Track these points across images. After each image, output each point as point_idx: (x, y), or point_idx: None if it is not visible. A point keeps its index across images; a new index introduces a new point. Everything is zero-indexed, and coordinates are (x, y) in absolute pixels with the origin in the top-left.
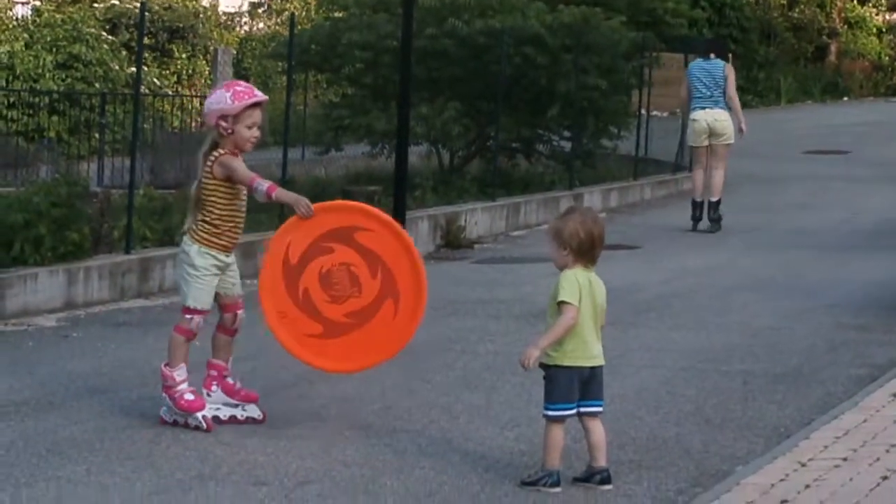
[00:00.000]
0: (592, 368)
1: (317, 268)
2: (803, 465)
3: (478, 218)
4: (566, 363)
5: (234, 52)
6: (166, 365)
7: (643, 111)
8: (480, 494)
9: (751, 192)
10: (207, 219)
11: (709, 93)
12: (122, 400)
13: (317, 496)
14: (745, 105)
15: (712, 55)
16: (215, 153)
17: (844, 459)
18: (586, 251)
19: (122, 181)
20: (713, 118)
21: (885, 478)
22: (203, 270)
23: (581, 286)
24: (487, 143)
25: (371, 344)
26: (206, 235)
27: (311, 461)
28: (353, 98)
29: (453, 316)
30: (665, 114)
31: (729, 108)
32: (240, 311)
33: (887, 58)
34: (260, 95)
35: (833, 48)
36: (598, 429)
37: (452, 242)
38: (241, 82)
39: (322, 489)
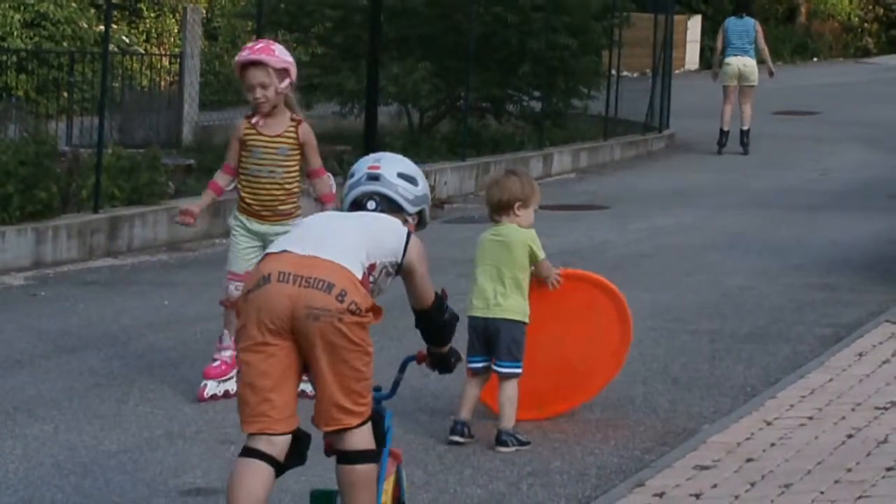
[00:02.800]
0: (486, 319)
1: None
2: (769, 423)
3: (447, 177)
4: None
5: (204, 12)
6: None
7: (613, 71)
8: (448, 454)
9: (714, 152)
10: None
11: (740, 44)
12: (91, 359)
13: None
14: None
15: (744, 14)
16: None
17: (810, 418)
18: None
19: (91, 140)
20: (742, 64)
21: (849, 436)
22: (232, 231)
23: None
24: (457, 102)
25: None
26: (238, 195)
27: None
28: (322, 57)
29: None
30: (635, 74)
31: (756, 58)
32: None
33: (857, 18)
34: (245, 56)
35: (803, 9)
36: (504, 389)
37: None
38: (261, 41)
39: None
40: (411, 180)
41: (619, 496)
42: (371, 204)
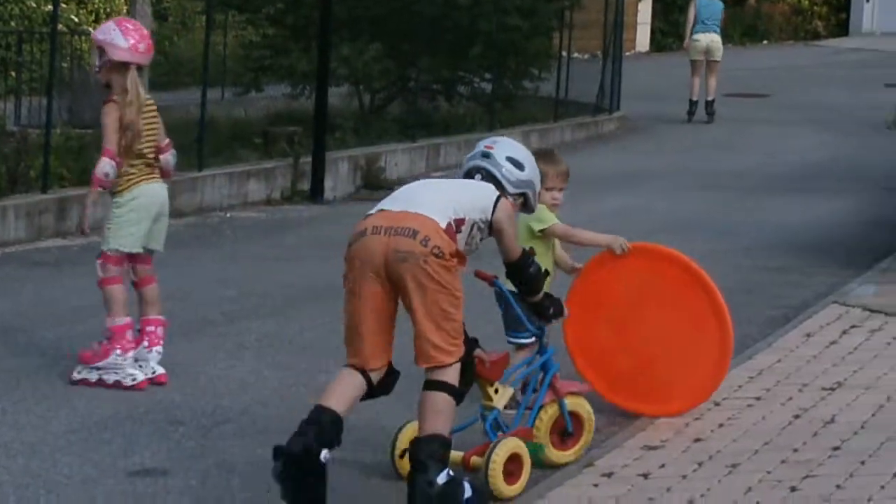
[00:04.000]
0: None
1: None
2: (717, 404)
3: (398, 159)
4: None
5: None
6: None
7: (564, 53)
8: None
9: (670, 134)
10: None
11: (710, 22)
12: (40, 339)
13: (233, 435)
14: (667, 48)
15: None
16: None
17: (758, 399)
18: None
19: (40, 120)
20: (710, 40)
21: (796, 416)
22: None
23: None
24: (408, 84)
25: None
26: None
27: (229, 400)
28: (273, 38)
29: None
30: (586, 56)
31: (721, 34)
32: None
33: (807, 1)
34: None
35: None
36: (515, 358)
37: (372, 183)
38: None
39: (239, 428)
40: (518, 165)
41: (569, 476)
42: (478, 177)
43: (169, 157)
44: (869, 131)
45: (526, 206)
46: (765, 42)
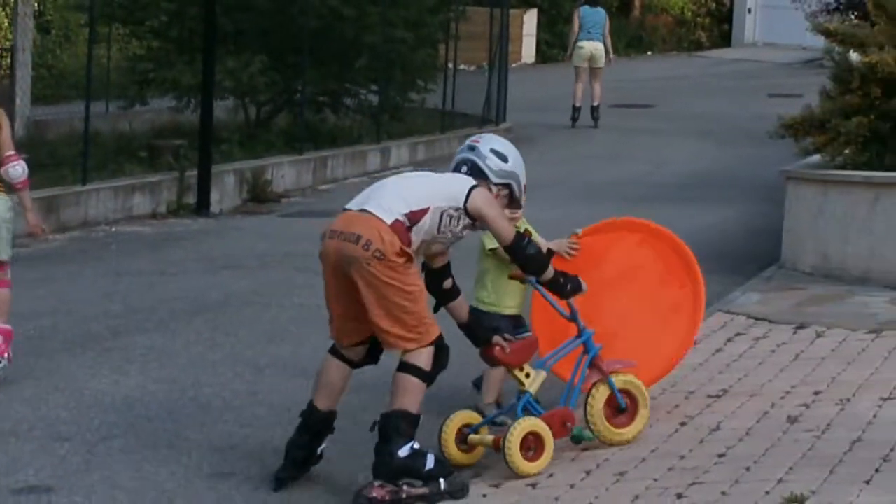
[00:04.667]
0: None
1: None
2: None
3: (285, 171)
4: None
5: (35, 5)
6: None
7: (450, 65)
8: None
9: (557, 145)
10: None
11: (594, 30)
12: None
13: (119, 451)
14: (552, 59)
15: (597, 5)
16: None
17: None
18: None
19: None
20: (594, 48)
21: (683, 424)
22: None
23: None
24: (294, 96)
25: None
26: None
27: (114, 416)
28: (158, 51)
29: (260, 269)
30: (472, 68)
31: (604, 42)
32: None
33: (690, 13)
34: None
35: (637, 3)
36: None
37: (259, 196)
38: None
39: (125, 444)
40: (502, 157)
41: None
42: (464, 169)
43: (9, 169)
44: (752, 141)
45: (511, 198)
46: (649, 53)
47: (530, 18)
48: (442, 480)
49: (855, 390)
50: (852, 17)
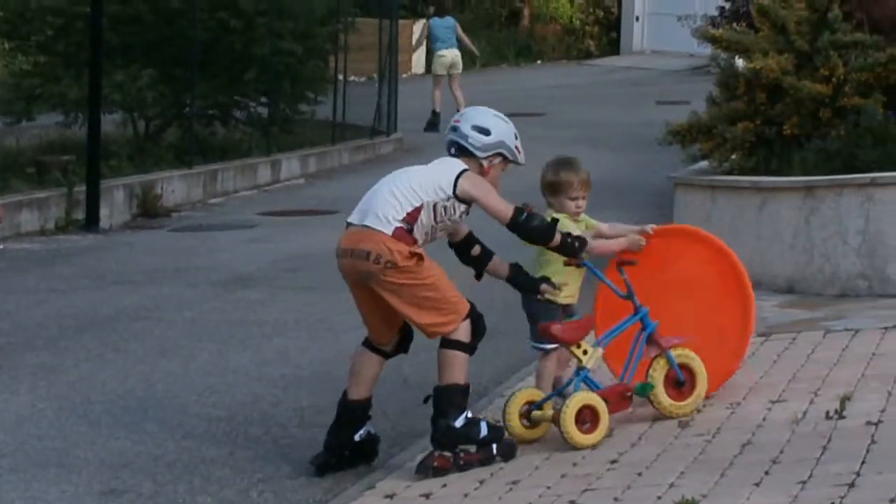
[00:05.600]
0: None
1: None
2: (498, 421)
3: (175, 186)
4: None
5: None
6: None
7: (340, 76)
8: (177, 463)
9: (440, 155)
10: None
11: (450, 39)
12: None
13: (9, 470)
14: None
15: (444, 14)
16: None
17: None
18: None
19: None
20: (454, 55)
21: None
22: None
23: None
24: (184, 109)
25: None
26: None
27: (3, 435)
28: (44, 66)
29: (150, 284)
30: (362, 79)
31: (460, 46)
32: None
33: (578, 21)
34: None
35: (526, 12)
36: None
37: (149, 211)
38: None
39: (14, 463)
40: (483, 131)
41: (351, 499)
42: (452, 150)
43: None
44: (642, 148)
45: (508, 161)
46: (539, 62)
47: (420, 29)
48: (494, 445)
49: (745, 394)
50: (736, 26)
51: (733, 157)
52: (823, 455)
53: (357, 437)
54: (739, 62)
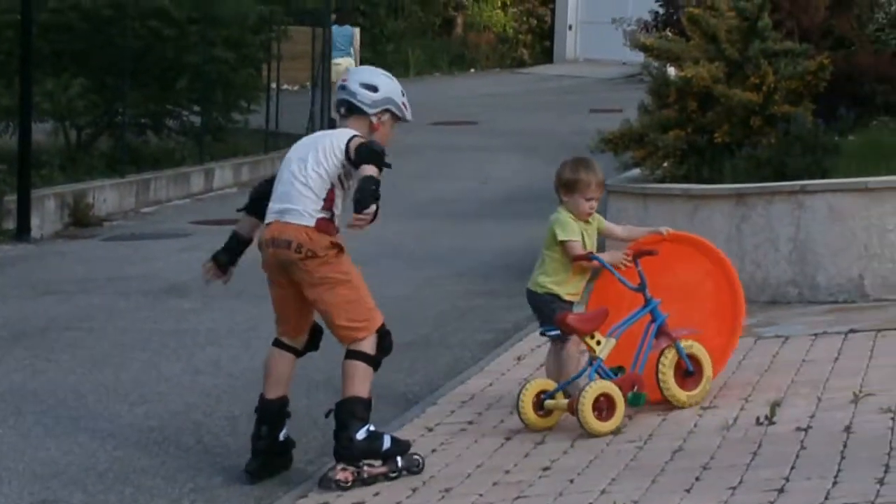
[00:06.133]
0: (527, 290)
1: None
2: (430, 430)
3: (107, 195)
4: None
5: None
6: None
7: (273, 84)
8: (108, 473)
9: None
10: None
11: (346, 48)
12: None
13: None
14: None
15: (345, 24)
16: None
17: (470, 423)
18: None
19: None
20: (349, 63)
21: (508, 439)
22: None
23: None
24: (116, 118)
25: None
26: None
27: None
28: None
29: (81, 294)
30: (295, 87)
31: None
32: None
33: (512, 30)
34: None
35: (459, 21)
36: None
37: (81, 220)
38: None
39: None
40: (371, 88)
41: None
42: (342, 109)
43: None
44: (575, 156)
45: (396, 119)
46: (472, 70)
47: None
48: (399, 458)
49: None
50: (669, 33)
51: (665, 164)
52: (753, 461)
53: (281, 437)
54: (671, 70)
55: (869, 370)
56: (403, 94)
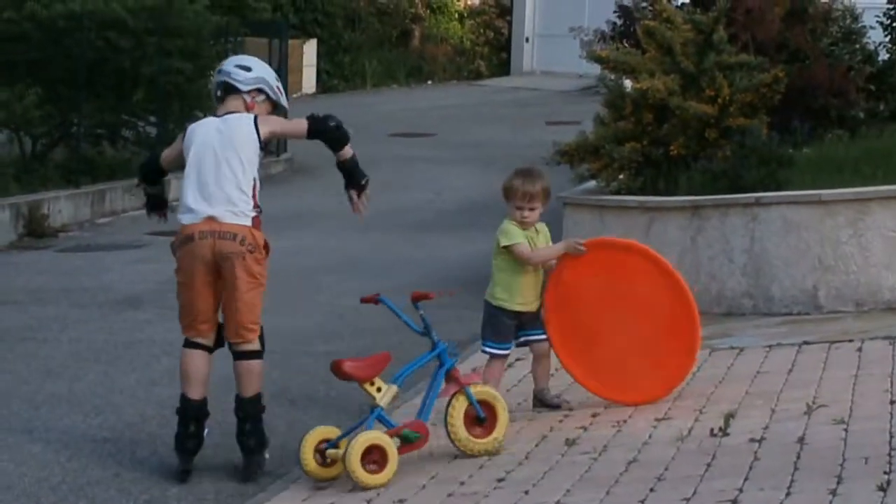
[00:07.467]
0: None
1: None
2: None
3: (62, 206)
4: None
5: None
6: None
7: None
8: (62, 485)
9: (337, 175)
10: None
11: None
12: None
13: None
14: (332, 89)
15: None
16: None
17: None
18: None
19: None
20: None
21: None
22: None
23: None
24: (71, 129)
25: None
26: None
27: None
28: None
29: (35, 304)
30: None
31: None
32: None
33: (469, 42)
34: None
35: (417, 32)
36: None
37: (36, 231)
38: None
39: None
40: (245, 68)
41: None
42: (219, 92)
43: None
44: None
45: (271, 101)
46: (429, 83)
47: (310, 49)
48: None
49: (631, 412)
50: (625, 44)
51: (621, 176)
52: (707, 472)
53: (204, 434)
54: (627, 83)
55: (822, 382)
56: (278, 80)
